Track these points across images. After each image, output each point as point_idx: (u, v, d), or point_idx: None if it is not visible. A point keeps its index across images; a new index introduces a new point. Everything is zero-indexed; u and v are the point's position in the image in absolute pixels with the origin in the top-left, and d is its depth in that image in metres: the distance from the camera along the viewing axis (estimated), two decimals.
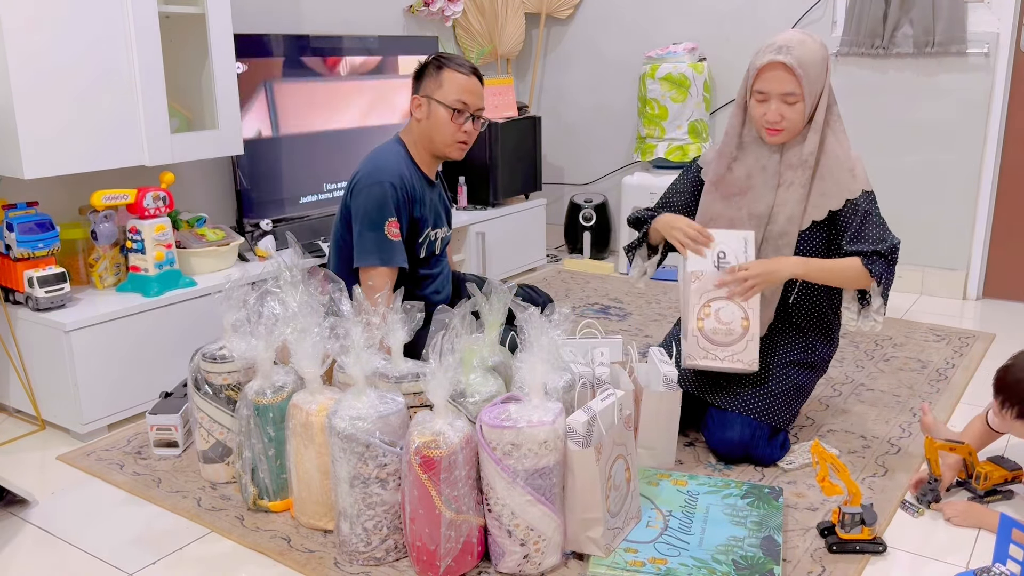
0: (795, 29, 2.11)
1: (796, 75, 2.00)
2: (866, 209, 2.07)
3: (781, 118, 2.05)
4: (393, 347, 1.85)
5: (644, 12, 4.03)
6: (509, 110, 3.85)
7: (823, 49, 2.06)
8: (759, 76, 2.05)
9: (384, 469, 1.66)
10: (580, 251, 4.19)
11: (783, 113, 2.04)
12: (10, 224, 2.28)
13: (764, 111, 2.06)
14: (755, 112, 2.09)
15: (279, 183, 3.04)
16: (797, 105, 2.04)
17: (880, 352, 2.89)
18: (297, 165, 3.09)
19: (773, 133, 2.08)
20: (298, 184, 3.11)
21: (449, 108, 2.22)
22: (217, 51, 2.60)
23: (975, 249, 3.49)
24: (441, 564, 1.63)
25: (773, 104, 2.05)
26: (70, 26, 2.24)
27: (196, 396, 2.02)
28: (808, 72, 2.01)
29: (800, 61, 2.00)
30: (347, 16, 3.48)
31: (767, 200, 2.13)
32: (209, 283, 2.54)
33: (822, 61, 2.06)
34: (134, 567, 1.76)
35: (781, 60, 2.00)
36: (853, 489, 1.72)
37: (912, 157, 3.50)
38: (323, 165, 3.19)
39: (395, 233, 2.20)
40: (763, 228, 2.14)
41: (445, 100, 2.23)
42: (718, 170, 2.18)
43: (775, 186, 2.13)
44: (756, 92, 2.07)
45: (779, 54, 2.01)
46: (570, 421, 1.63)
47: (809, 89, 2.03)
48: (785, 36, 2.05)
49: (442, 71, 2.24)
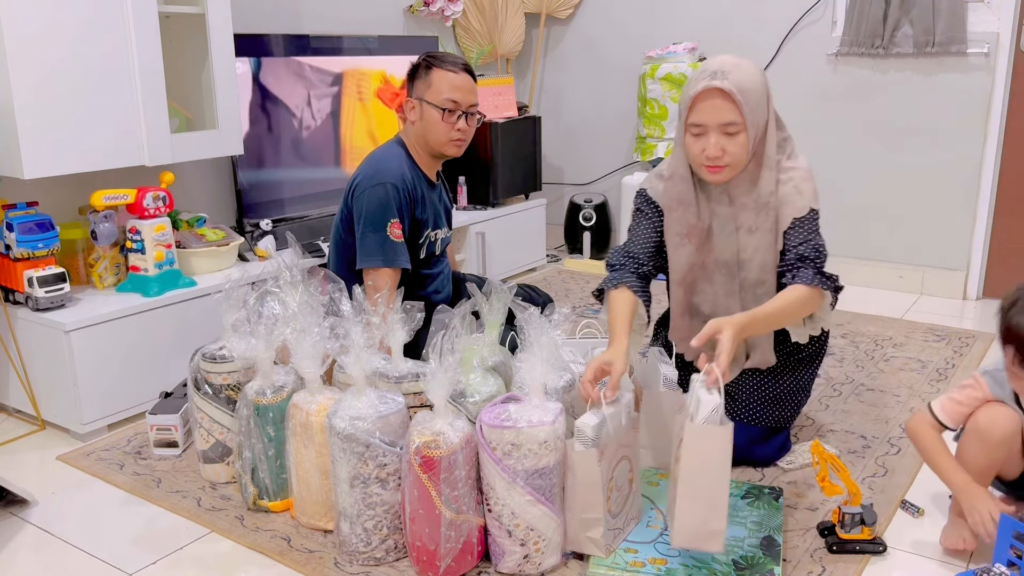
0: (728, 54, 1.91)
1: (735, 101, 1.80)
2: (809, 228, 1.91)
3: (722, 152, 1.83)
4: (393, 347, 1.85)
5: (644, 12, 4.03)
6: (509, 110, 3.85)
7: (761, 74, 1.89)
8: (694, 106, 1.85)
9: (384, 469, 1.66)
10: (580, 251, 4.19)
11: (724, 147, 1.83)
12: (10, 224, 2.28)
13: (703, 146, 1.85)
14: (692, 149, 1.88)
15: (279, 183, 3.04)
16: (739, 136, 1.83)
17: (880, 352, 2.89)
18: (298, 165, 3.09)
19: (715, 171, 1.87)
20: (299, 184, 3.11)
21: (439, 108, 2.22)
22: (217, 51, 2.60)
23: (975, 249, 3.49)
24: (441, 564, 1.63)
25: (712, 137, 1.83)
26: (70, 27, 2.24)
27: (196, 396, 2.02)
28: (748, 98, 1.82)
29: (739, 86, 1.80)
30: (347, 16, 3.48)
31: (731, 247, 1.96)
32: (209, 283, 2.54)
33: (762, 86, 1.87)
34: (134, 567, 1.76)
35: (717, 86, 1.80)
36: (853, 489, 1.72)
37: (912, 157, 3.50)
38: (323, 165, 3.19)
39: (397, 234, 2.20)
40: (736, 277, 1.99)
41: (435, 100, 2.22)
42: (687, 220, 1.98)
43: (734, 230, 1.95)
44: (691, 126, 1.86)
45: (714, 79, 1.81)
46: (579, 423, 1.61)
47: (751, 118, 1.83)
48: (719, 60, 1.86)
49: (431, 71, 2.24)
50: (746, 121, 1.83)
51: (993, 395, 1.70)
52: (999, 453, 1.68)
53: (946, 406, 1.74)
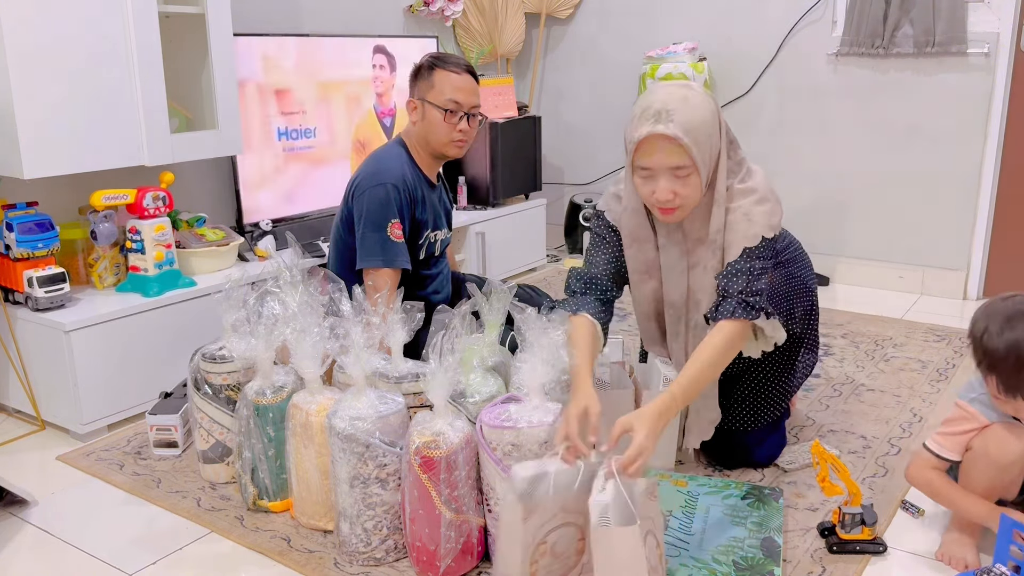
0: (673, 83, 1.78)
1: (683, 145, 1.67)
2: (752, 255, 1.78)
3: (674, 195, 1.72)
4: (393, 347, 1.85)
5: (644, 12, 4.03)
6: (509, 110, 3.85)
7: (709, 103, 1.73)
8: (638, 150, 1.71)
9: (384, 469, 1.66)
10: (580, 251, 4.18)
11: (675, 190, 1.71)
12: (10, 224, 2.28)
13: (652, 189, 1.73)
14: (642, 191, 1.76)
15: (279, 182, 3.04)
16: (690, 178, 1.71)
17: (880, 352, 2.89)
18: (297, 165, 3.10)
19: (667, 213, 1.76)
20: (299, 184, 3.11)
21: (441, 109, 2.22)
22: (217, 51, 2.60)
23: (975, 249, 3.49)
24: (441, 564, 1.63)
25: (662, 181, 1.71)
26: (70, 26, 2.24)
27: (196, 396, 2.02)
28: (697, 138, 1.68)
29: (686, 127, 1.66)
30: (347, 16, 3.48)
31: (680, 287, 1.88)
32: (209, 283, 2.54)
33: (711, 118, 1.72)
34: (134, 567, 1.76)
35: (661, 132, 1.66)
36: (853, 489, 1.72)
37: (912, 157, 3.50)
38: (323, 165, 3.19)
39: (398, 234, 2.20)
40: (683, 318, 1.91)
41: (437, 101, 2.22)
42: (646, 256, 1.90)
43: (686, 268, 1.86)
44: (639, 168, 1.74)
45: (658, 123, 1.66)
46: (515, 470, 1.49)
47: (701, 157, 1.70)
48: (661, 96, 1.70)
49: (434, 72, 2.24)
50: (696, 162, 1.70)
51: (989, 420, 1.66)
52: (1009, 475, 1.65)
53: (945, 441, 1.70)
